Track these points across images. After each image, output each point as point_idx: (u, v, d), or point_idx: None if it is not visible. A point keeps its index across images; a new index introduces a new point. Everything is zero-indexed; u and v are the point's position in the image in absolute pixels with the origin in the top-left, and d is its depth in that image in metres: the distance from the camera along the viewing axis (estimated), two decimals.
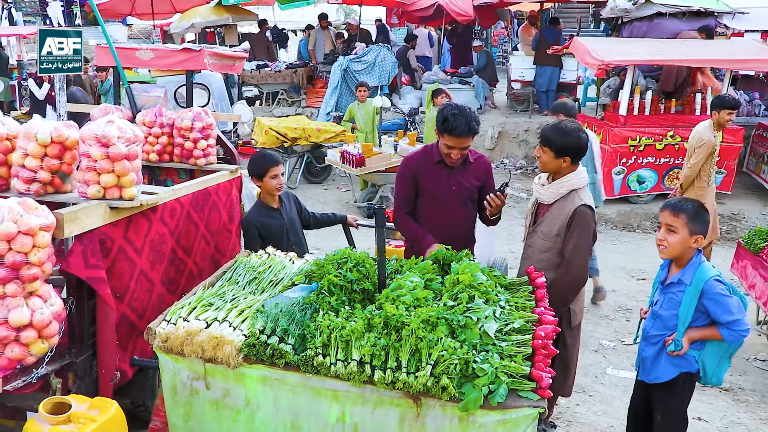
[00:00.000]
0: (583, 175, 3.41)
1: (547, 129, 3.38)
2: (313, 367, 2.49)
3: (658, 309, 3.15)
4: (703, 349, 3.07)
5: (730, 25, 11.06)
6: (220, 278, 3.18)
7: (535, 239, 3.50)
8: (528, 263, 3.46)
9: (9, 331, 2.54)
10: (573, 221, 3.30)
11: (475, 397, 2.34)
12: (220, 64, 6.08)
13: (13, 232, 2.48)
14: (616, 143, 8.84)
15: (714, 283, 2.95)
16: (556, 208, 3.39)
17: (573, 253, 3.31)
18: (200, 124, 4.18)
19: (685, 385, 3.13)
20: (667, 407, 3.16)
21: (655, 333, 3.15)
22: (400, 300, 2.64)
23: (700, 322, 3.02)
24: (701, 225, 2.97)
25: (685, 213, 2.96)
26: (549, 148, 3.33)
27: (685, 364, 3.08)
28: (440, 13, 13.33)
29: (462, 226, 3.80)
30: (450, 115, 3.51)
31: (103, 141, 2.95)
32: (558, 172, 3.39)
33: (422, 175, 3.74)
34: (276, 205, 4.02)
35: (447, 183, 3.71)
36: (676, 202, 3.05)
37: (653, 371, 3.16)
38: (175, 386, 2.70)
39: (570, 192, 3.36)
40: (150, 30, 18.22)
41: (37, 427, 2.38)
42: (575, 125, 3.39)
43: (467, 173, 3.75)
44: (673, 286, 3.08)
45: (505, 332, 2.63)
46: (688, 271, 3.02)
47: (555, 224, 3.37)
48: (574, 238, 3.30)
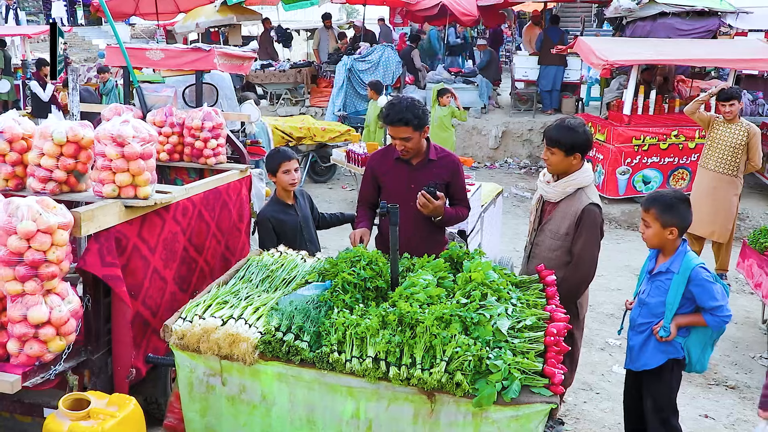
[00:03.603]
0: (589, 172, 3.43)
1: (552, 130, 3.36)
2: (328, 364, 2.52)
3: (646, 297, 3.27)
4: (689, 336, 3.20)
5: (733, 24, 11.06)
6: (233, 276, 3.22)
7: (543, 238, 3.51)
8: (536, 261, 3.46)
9: (28, 328, 2.58)
10: (581, 220, 3.32)
11: (488, 393, 2.37)
12: (229, 64, 6.12)
13: (33, 231, 2.52)
14: (621, 143, 8.87)
15: (700, 269, 3.09)
16: (564, 206, 3.40)
17: (582, 251, 3.35)
18: (210, 124, 4.21)
19: (673, 371, 3.24)
20: (657, 394, 3.26)
21: (642, 321, 3.27)
22: (413, 297, 2.67)
23: (685, 309, 3.16)
24: (673, 217, 3.11)
25: (654, 207, 3.13)
26: (558, 148, 3.32)
27: (672, 351, 3.19)
28: (444, 12, 13.35)
29: (422, 224, 3.65)
30: (389, 104, 3.54)
31: (119, 140, 2.98)
32: (567, 171, 3.40)
33: (381, 173, 3.75)
34: (291, 202, 4.06)
35: (405, 181, 3.65)
36: (650, 196, 3.21)
37: (641, 358, 3.27)
38: (191, 382, 2.74)
39: (577, 190, 3.38)
40: (153, 29, 18.27)
41: (58, 422, 2.42)
42: (578, 120, 3.40)
43: (428, 171, 3.65)
44: (660, 274, 3.21)
45: (517, 329, 2.66)
46: (676, 260, 3.16)
47: (564, 223, 3.39)
48: (583, 236, 3.34)
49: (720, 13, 10.84)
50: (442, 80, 12.28)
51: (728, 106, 6.11)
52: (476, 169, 11.32)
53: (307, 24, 21.34)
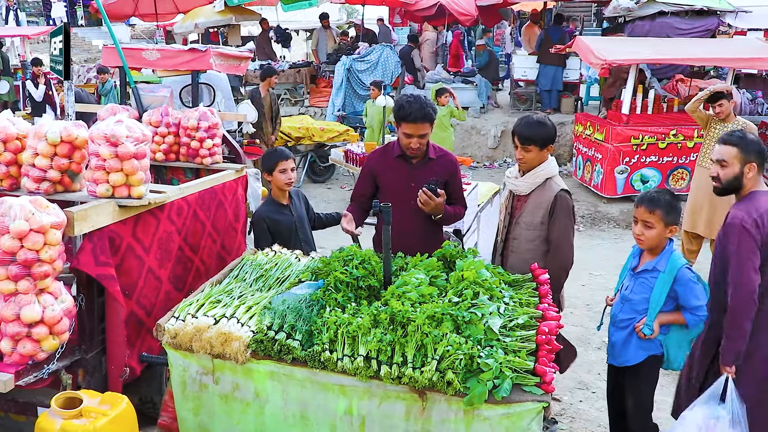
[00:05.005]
0: (554, 162, 3.50)
1: (522, 128, 3.41)
2: (320, 363, 2.53)
3: (629, 293, 3.29)
4: (668, 334, 3.23)
5: (732, 23, 11.06)
6: (227, 276, 3.23)
7: (518, 231, 3.55)
8: (515, 256, 3.53)
9: (21, 327, 2.59)
10: (555, 207, 3.40)
11: (479, 391, 2.38)
12: (226, 65, 6.12)
13: (25, 230, 2.53)
14: (619, 142, 8.87)
15: (685, 270, 3.13)
16: (535, 197, 3.47)
17: (559, 237, 3.41)
18: (206, 124, 4.22)
19: (652, 368, 3.28)
20: (637, 390, 3.30)
21: (624, 317, 3.29)
22: (405, 296, 2.67)
23: (667, 308, 3.18)
24: (675, 215, 3.13)
25: (660, 209, 3.10)
26: (533, 145, 3.38)
27: (653, 347, 3.23)
28: (443, 12, 13.35)
29: (422, 222, 3.67)
30: (405, 102, 3.52)
31: (112, 140, 2.99)
32: (539, 164, 3.45)
33: (381, 171, 3.74)
34: (286, 202, 4.06)
35: (405, 179, 3.66)
36: (650, 197, 3.17)
37: (623, 354, 3.30)
38: (184, 381, 2.75)
39: (546, 180, 3.45)
40: (153, 30, 18.30)
41: (50, 421, 2.42)
42: (541, 115, 3.50)
43: (428, 170, 3.67)
44: (646, 272, 3.23)
45: (509, 328, 2.67)
46: (663, 258, 3.17)
47: (537, 213, 3.44)
48: (558, 222, 3.41)
49: (719, 12, 10.83)
50: (440, 80, 12.29)
51: (717, 107, 6.20)
52: (475, 168, 11.33)
53: (307, 24, 21.34)
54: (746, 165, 3.00)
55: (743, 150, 3.00)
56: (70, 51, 3.88)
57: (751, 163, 2.99)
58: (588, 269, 6.97)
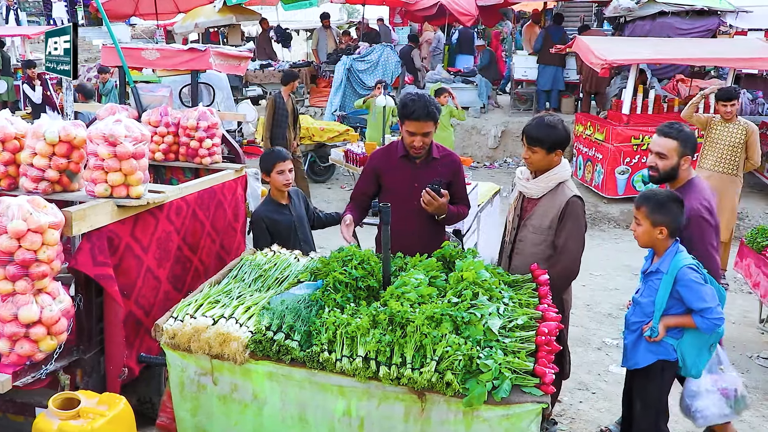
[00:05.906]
0: (568, 166, 3.45)
1: (532, 129, 3.36)
2: (318, 363, 2.52)
3: (639, 297, 3.28)
4: (682, 338, 3.17)
5: (733, 23, 11.05)
6: (226, 276, 3.21)
7: (525, 233, 3.50)
8: (520, 258, 3.48)
9: (19, 328, 2.58)
10: (565, 212, 3.34)
11: (479, 392, 2.37)
12: (226, 64, 6.11)
13: (23, 230, 2.52)
14: (619, 142, 8.85)
15: (687, 270, 3.06)
16: (546, 201, 3.41)
17: (566, 243, 3.34)
18: (205, 123, 4.21)
19: (663, 373, 3.21)
20: (645, 394, 3.25)
21: (635, 320, 3.27)
22: (404, 297, 2.66)
23: (675, 310, 3.13)
24: (663, 216, 3.08)
25: (645, 206, 3.12)
26: (539, 146, 3.32)
27: (663, 351, 3.17)
28: (443, 12, 13.34)
29: (425, 222, 3.66)
30: (409, 100, 3.50)
31: (111, 140, 2.98)
32: (547, 167, 3.40)
33: (384, 170, 3.73)
34: (285, 202, 4.05)
35: (409, 179, 3.65)
36: (642, 194, 3.19)
37: (633, 357, 3.28)
38: (182, 382, 2.74)
39: (559, 184, 3.39)
40: (153, 29, 18.28)
41: (47, 421, 2.42)
42: (556, 117, 3.43)
43: (431, 170, 3.66)
44: (652, 274, 3.21)
45: (508, 329, 2.66)
46: (666, 259, 3.14)
47: (546, 217, 3.39)
48: (567, 228, 3.34)
49: (719, 12, 10.83)
50: (440, 80, 12.28)
51: (729, 106, 6.14)
52: (475, 168, 11.32)
53: (307, 24, 21.35)
54: (683, 158, 3.29)
55: (682, 143, 3.27)
56: (77, 51, 3.86)
57: (687, 156, 3.28)
58: (588, 269, 6.96)
